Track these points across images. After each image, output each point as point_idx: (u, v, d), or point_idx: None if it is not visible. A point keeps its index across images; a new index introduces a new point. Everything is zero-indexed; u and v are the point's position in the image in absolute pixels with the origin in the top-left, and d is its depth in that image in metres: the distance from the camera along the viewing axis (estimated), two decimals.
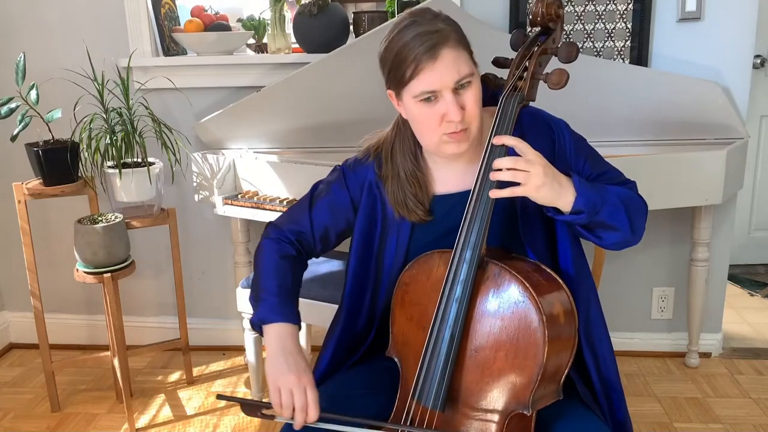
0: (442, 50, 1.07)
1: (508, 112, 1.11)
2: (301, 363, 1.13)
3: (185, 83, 2.39)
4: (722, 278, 2.50)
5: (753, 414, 2.16)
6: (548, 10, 1.11)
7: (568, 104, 2.16)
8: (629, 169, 1.98)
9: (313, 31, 2.31)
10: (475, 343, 1.09)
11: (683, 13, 2.23)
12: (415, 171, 1.21)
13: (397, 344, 1.21)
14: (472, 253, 1.08)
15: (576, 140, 1.23)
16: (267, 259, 1.26)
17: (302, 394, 1.09)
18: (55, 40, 2.43)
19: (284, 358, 1.13)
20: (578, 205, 1.07)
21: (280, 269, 1.24)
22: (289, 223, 1.32)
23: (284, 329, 1.17)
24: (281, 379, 1.11)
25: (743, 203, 3.30)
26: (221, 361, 2.61)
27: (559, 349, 1.07)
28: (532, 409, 1.05)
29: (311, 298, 1.97)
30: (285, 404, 1.09)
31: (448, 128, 1.10)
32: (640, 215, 1.18)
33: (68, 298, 2.70)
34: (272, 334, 1.16)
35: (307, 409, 1.09)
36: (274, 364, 1.13)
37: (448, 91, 1.08)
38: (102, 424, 2.20)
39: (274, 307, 1.18)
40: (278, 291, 1.20)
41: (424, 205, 1.21)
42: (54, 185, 2.10)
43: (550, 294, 1.08)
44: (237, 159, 2.23)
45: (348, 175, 1.29)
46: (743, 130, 2.20)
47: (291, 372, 1.11)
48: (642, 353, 2.56)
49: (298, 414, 1.09)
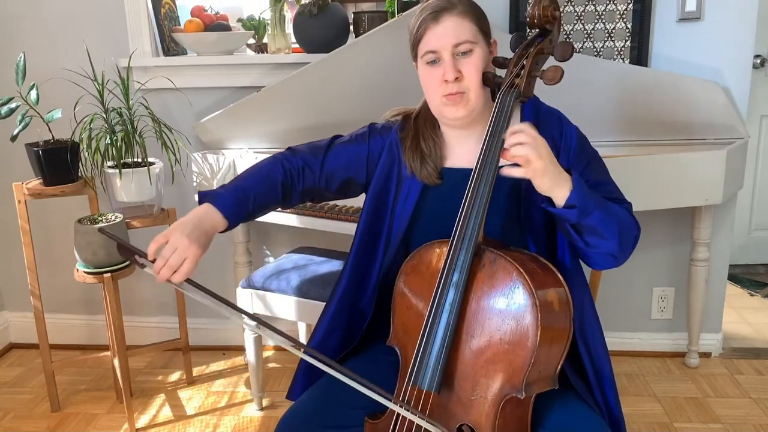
0: (444, 15, 1.19)
1: (504, 107, 1.17)
2: (202, 239, 1.20)
3: (185, 83, 2.39)
4: (722, 278, 2.50)
5: (753, 414, 2.16)
6: (544, 13, 1.18)
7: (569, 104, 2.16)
8: (630, 169, 2.00)
9: (313, 31, 2.31)
10: (471, 327, 1.13)
11: (683, 13, 2.23)
12: (434, 139, 1.30)
13: (398, 333, 1.24)
14: (469, 239, 1.13)
15: (582, 144, 1.27)
16: (256, 167, 1.35)
17: (181, 257, 1.16)
18: (55, 40, 2.43)
19: (193, 226, 1.20)
20: (571, 199, 1.11)
21: (254, 179, 1.32)
22: (304, 152, 1.38)
23: (213, 213, 1.24)
24: (175, 236, 1.18)
25: (743, 203, 3.31)
26: (221, 361, 2.61)
27: (552, 337, 1.10)
28: (525, 393, 1.09)
29: (311, 298, 1.97)
30: (163, 255, 1.16)
31: (446, 89, 1.20)
32: (629, 235, 1.22)
33: (68, 298, 2.70)
34: (201, 209, 1.24)
35: (175, 271, 1.16)
36: (180, 223, 1.20)
37: (447, 52, 1.19)
38: (102, 424, 2.20)
39: (221, 196, 1.26)
40: (236, 190, 1.28)
41: (437, 170, 1.28)
42: (54, 185, 2.10)
43: (545, 282, 1.12)
44: (237, 159, 2.23)
45: (373, 133, 1.37)
46: (743, 130, 2.20)
47: (187, 237, 1.17)
48: (642, 353, 2.56)
49: (166, 270, 1.16)
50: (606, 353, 1.30)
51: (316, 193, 1.39)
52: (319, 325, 1.42)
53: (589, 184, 1.21)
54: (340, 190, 1.39)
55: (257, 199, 1.29)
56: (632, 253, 1.26)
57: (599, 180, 1.26)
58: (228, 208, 1.25)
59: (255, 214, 1.32)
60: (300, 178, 1.35)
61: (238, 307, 1.24)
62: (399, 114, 1.38)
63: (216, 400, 2.33)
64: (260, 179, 1.32)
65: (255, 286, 2.06)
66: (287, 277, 2.03)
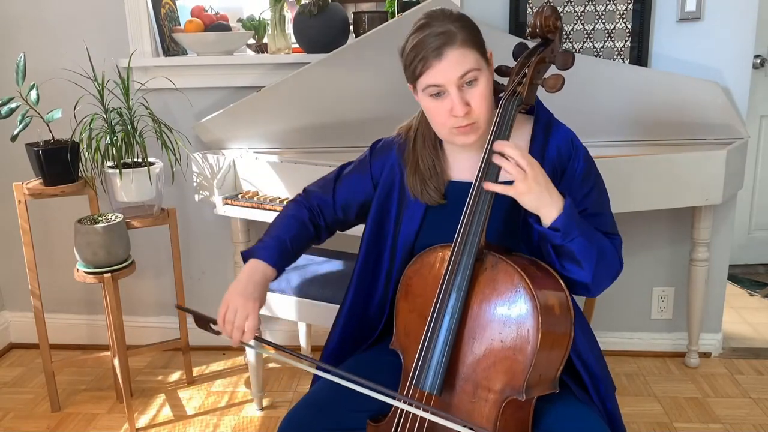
0: (447, 50, 1.15)
1: (507, 115, 1.19)
2: (255, 293, 1.26)
3: (185, 83, 2.39)
4: (722, 278, 2.50)
5: (753, 414, 2.16)
6: (546, 23, 1.19)
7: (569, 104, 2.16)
8: (630, 169, 2.01)
9: (313, 31, 2.31)
10: (473, 330, 1.14)
11: (683, 13, 2.23)
12: (434, 160, 1.30)
13: (400, 336, 1.26)
14: (471, 243, 1.14)
15: (588, 169, 1.27)
16: (282, 215, 1.41)
17: (243, 316, 1.22)
18: (55, 40, 2.43)
19: (245, 285, 1.26)
20: (557, 222, 1.12)
21: (284, 224, 1.38)
22: (316, 191, 1.44)
23: (260, 265, 1.30)
24: (232, 298, 1.24)
25: (743, 203, 3.30)
26: (221, 361, 2.61)
27: (553, 340, 1.11)
28: (526, 395, 1.09)
29: (311, 298, 1.97)
30: (227, 319, 1.23)
31: (456, 122, 1.18)
32: (608, 270, 1.22)
33: (68, 298, 2.70)
34: (248, 267, 1.31)
35: (242, 330, 1.22)
36: (234, 286, 1.27)
37: (453, 86, 1.16)
38: (102, 424, 2.20)
39: (262, 248, 1.32)
40: (274, 239, 1.34)
41: (439, 190, 1.29)
42: (54, 185, 2.10)
43: (546, 286, 1.13)
44: (237, 159, 2.23)
45: (374, 155, 1.39)
46: (743, 130, 2.20)
47: (242, 295, 1.24)
48: (642, 353, 2.56)
49: (235, 331, 1.22)
50: (598, 357, 1.30)
51: (340, 225, 1.45)
52: (331, 337, 1.44)
53: (585, 212, 1.23)
54: (360, 216, 1.43)
55: (294, 241, 1.35)
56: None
57: (596, 211, 1.26)
58: (271, 256, 1.31)
59: (297, 255, 1.38)
60: (320, 215, 1.41)
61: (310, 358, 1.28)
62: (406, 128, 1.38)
63: (216, 400, 2.33)
64: (290, 223, 1.38)
65: None
66: (287, 277, 2.03)
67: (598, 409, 1.26)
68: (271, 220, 2.10)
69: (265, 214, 2.12)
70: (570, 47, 2.30)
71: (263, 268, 1.30)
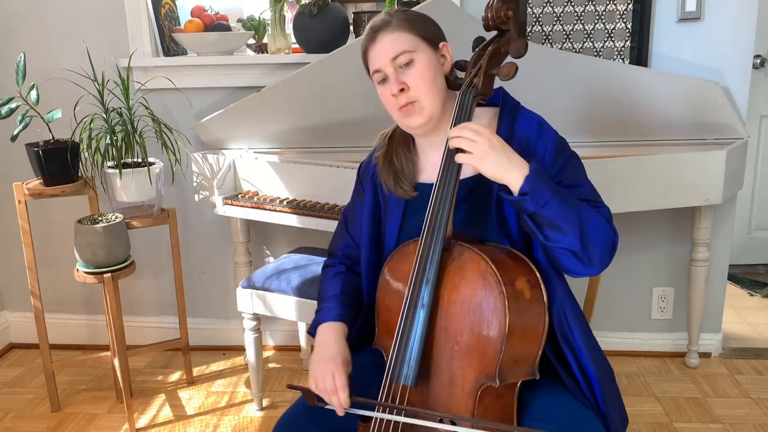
0: (379, 34, 1.25)
1: (464, 106, 1.22)
2: (332, 351, 1.26)
3: (185, 83, 2.39)
4: (722, 278, 2.50)
5: (753, 414, 2.16)
6: (497, 14, 1.21)
7: (568, 104, 2.17)
8: (630, 169, 2.01)
9: (313, 31, 2.31)
10: (444, 320, 1.15)
11: (683, 13, 2.23)
12: (406, 155, 1.34)
13: (381, 334, 1.27)
14: (437, 234, 1.16)
15: (560, 147, 1.26)
16: (323, 279, 1.45)
17: (330, 378, 1.20)
18: (55, 40, 2.43)
19: (321, 349, 1.28)
20: (525, 186, 1.12)
21: (329, 285, 1.41)
22: (336, 244, 1.49)
23: (330, 327, 1.32)
24: (315, 367, 1.24)
25: (743, 203, 3.31)
26: (221, 361, 2.61)
27: (524, 325, 1.12)
28: (499, 381, 1.10)
29: (311, 298, 1.97)
30: (320, 389, 1.21)
31: (397, 102, 1.24)
32: (596, 237, 1.15)
33: (68, 298, 2.70)
34: (319, 334, 1.32)
35: (337, 392, 1.19)
36: (313, 356, 1.28)
37: (389, 68, 1.24)
38: (102, 424, 2.20)
39: (324, 312, 1.35)
40: (327, 300, 1.37)
41: (410, 184, 1.32)
42: (54, 185, 2.10)
43: (514, 271, 1.14)
44: (237, 159, 2.23)
45: (361, 176, 1.45)
46: (743, 130, 2.20)
47: (321, 360, 1.24)
48: (642, 353, 2.56)
49: (333, 396, 1.20)
50: (593, 351, 1.28)
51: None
52: None
53: (563, 184, 1.21)
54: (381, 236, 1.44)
55: (346, 292, 1.38)
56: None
57: (573, 182, 1.24)
58: (336, 316, 1.33)
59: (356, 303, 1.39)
60: (353, 261, 1.45)
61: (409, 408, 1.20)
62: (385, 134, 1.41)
63: (216, 400, 2.33)
64: (335, 281, 1.41)
65: (255, 286, 2.06)
66: (287, 277, 2.03)
67: (589, 402, 1.25)
68: (270, 220, 2.14)
69: (265, 214, 2.12)
70: (570, 47, 2.30)
71: (332, 328, 1.31)
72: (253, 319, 2.12)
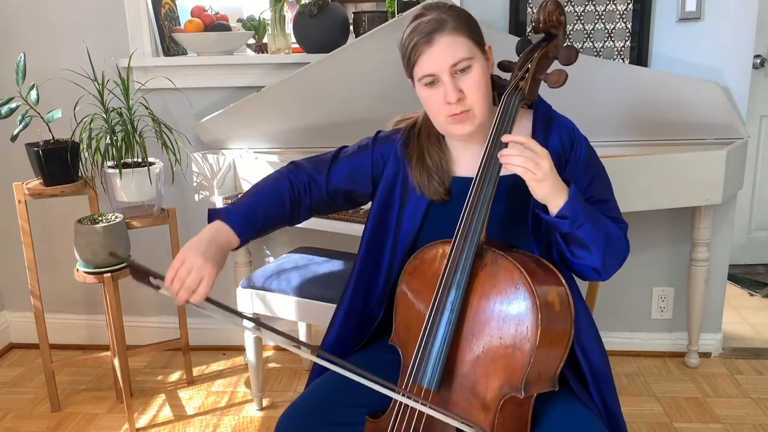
0: (437, 36, 1.16)
1: (509, 109, 1.18)
2: (217, 256, 1.18)
3: (185, 83, 2.39)
4: (722, 278, 2.50)
5: (753, 414, 2.16)
6: (549, 17, 1.20)
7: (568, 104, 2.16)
8: (630, 169, 2.00)
9: (313, 31, 2.31)
10: (472, 326, 1.14)
11: (683, 13, 2.23)
12: (438, 153, 1.29)
13: (399, 332, 1.25)
14: (471, 239, 1.14)
15: (591, 157, 1.28)
16: (263, 184, 1.35)
17: (197, 278, 1.14)
18: (55, 40, 2.43)
19: (207, 244, 1.18)
20: (564, 210, 1.12)
21: (263, 195, 1.32)
22: (308, 168, 1.38)
23: (225, 229, 1.23)
24: (190, 256, 1.16)
25: (743, 203, 3.30)
26: (221, 361, 2.61)
27: (553, 337, 1.10)
28: (524, 392, 1.09)
29: (311, 298, 1.97)
30: (178, 276, 1.14)
31: (450, 110, 1.18)
32: (616, 253, 1.22)
33: (68, 298, 2.70)
34: (212, 226, 1.23)
35: (192, 291, 1.13)
36: (193, 242, 1.19)
37: (446, 74, 1.17)
38: (102, 424, 2.20)
39: (231, 213, 1.25)
40: (245, 206, 1.28)
41: (444, 185, 1.28)
42: (54, 185, 2.10)
43: (546, 282, 1.12)
44: (237, 159, 2.23)
45: (377, 143, 1.36)
46: (743, 130, 2.20)
47: (202, 256, 1.16)
48: (642, 353, 2.56)
49: (183, 292, 1.13)
50: (602, 353, 1.30)
51: (323, 207, 1.40)
52: (330, 331, 1.44)
53: (592, 200, 1.23)
54: (347, 203, 1.41)
55: (267, 214, 1.29)
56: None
57: (601, 197, 1.27)
58: (239, 224, 1.24)
59: (265, 230, 1.31)
60: (307, 193, 1.36)
61: (261, 322, 1.23)
62: (403, 121, 1.37)
63: (216, 400, 2.33)
64: (268, 194, 1.32)
65: (255, 285, 2.06)
66: (287, 277, 2.03)
67: (599, 410, 1.25)
68: None
69: None
70: None
71: (228, 234, 1.22)
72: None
